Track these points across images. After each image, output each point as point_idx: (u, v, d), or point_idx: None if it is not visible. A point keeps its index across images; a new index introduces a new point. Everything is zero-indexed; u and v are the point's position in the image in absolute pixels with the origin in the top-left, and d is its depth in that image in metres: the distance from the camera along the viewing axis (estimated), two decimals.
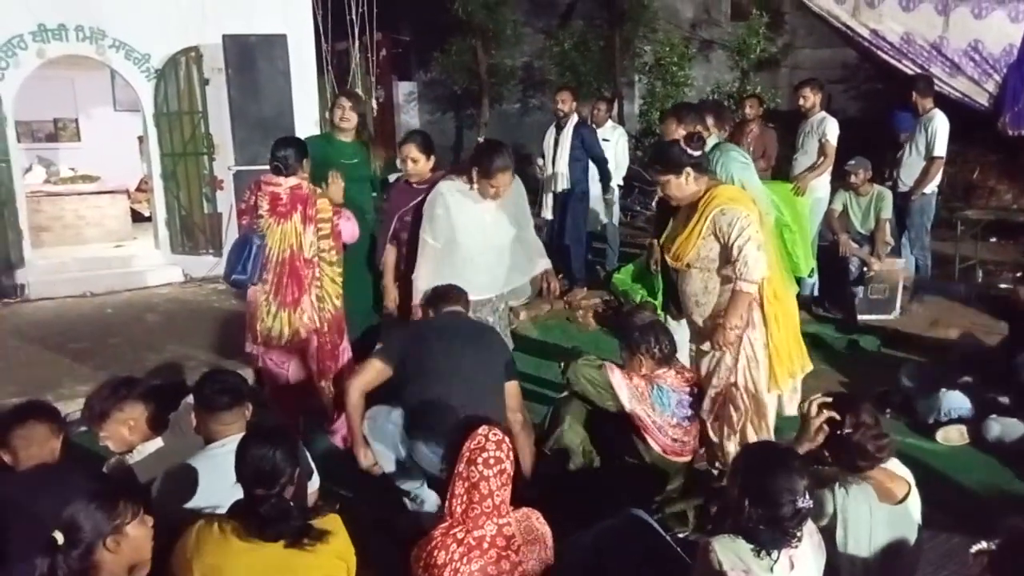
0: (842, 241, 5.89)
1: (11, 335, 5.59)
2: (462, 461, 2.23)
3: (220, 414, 2.60)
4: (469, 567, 2.14)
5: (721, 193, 3.18)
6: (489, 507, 2.20)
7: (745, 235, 3.03)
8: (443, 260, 3.61)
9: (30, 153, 8.98)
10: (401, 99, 13.85)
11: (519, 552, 2.19)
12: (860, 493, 2.34)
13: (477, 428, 2.28)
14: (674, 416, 3.21)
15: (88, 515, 1.97)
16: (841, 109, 8.76)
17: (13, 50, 6.48)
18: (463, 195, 3.65)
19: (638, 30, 10.90)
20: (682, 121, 3.88)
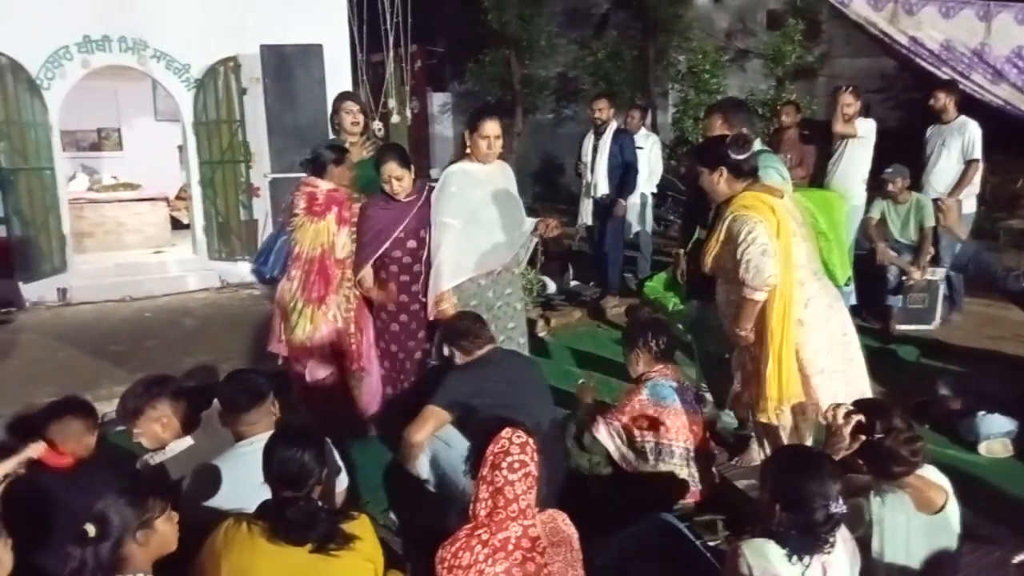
0: (880, 250, 5.78)
1: (53, 337, 5.72)
2: (486, 465, 2.20)
3: (242, 414, 2.63)
4: (494, 568, 2.12)
5: (740, 199, 3.01)
6: (515, 511, 2.17)
7: (749, 240, 2.87)
8: (463, 235, 3.68)
9: (74, 162, 9.24)
10: (435, 110, 13.98)
11: (544, 554, 2.17)
12: (896, 502, 2.28)
13: (500, 431, 2.26)
14: (676, 403, 3.21)
15: (119, 509, 2.00)
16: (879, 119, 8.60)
17: (59, 61, 6.66)
18: (469, 171, 3.75)
19: (672, 40, 10.86)
20: (728, 119, 3.64)
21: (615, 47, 11.10)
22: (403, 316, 3.84)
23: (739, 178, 3.03)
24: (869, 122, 6.01)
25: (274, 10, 7.25)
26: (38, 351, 5.36)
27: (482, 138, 3.68)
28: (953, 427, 4.09)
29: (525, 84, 11.50)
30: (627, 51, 11.02)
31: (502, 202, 3.79)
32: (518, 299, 3.93)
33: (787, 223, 2.93)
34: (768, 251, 2.84)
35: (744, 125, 3.63)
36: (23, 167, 6.49)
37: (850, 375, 3.10)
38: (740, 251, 2.88)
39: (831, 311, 3.06)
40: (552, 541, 2.21)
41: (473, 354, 3.19)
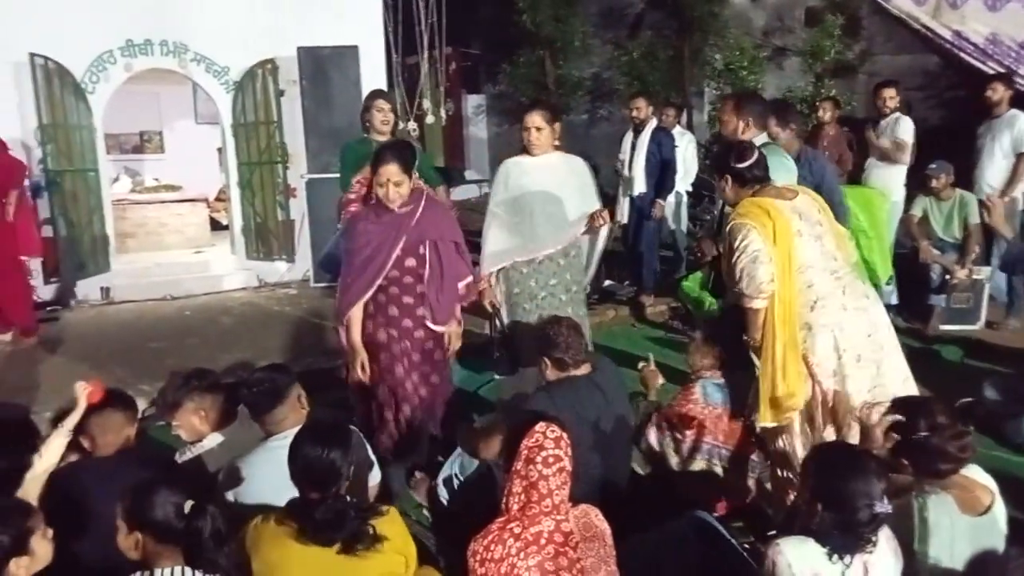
0: (922, 248, 5.65)
1: (96, 335, 5.85)
2: (520, 459, 2.19)
3: (265, 415, 2.65)
4: (526, 562, 2.11)
5: (738, 207, 2.93)
6: (548, 506, 2.16)
7: (741, 248, 2.78)
8: (505, 222, 3.85)
9: (117, 164, 9.45)
10: (470, 112, 14.02)
11: (577, 549, 2.15)
12: (940, 503, 2.23)
13: (534, 424, 2.24)
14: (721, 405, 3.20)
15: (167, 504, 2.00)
16: (922, 117, 8.43)
17: (103, 65, 6.82)
18: (520, 162, 3.89)
19: (708, 39, 10.75)
20: (740, 109, 3.64)
21: (650, 47, 11.02)
22: (405, 342, 3.36)
23: (744, 186, 2.98)
24: (907, 120, 5.91)
25: (311, 13, 7.34)
26: (82, 348, 5.48)
27: (524, 129, 3.82)
28: (999, 429, 3.99)
29: (559, 85, 11.47)
30: (662, 50, 10.94)
31: (549, 192, 3.80)
32: (564, 290, 3.86)
33: (787, 224, 2.80)
34: (759, 258, 2.74)
35: (754, 116, 3.64)
36: (68, 169, 6.65)
37: (879, 378, 2.91)
38: (733, 260, 2.82)
39: (846, 313, 2.86)
40: (585, 536, 2.19)
41: (567, 371, 2.99)
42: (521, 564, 2.10)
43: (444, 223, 3.46)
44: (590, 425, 2.85)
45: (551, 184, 3.82)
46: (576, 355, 2.99)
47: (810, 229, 2.89)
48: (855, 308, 2.89)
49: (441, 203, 3.63)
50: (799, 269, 2.81)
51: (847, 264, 3.02)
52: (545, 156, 3.84)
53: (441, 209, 3.54)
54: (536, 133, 3.79)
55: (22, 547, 2.02)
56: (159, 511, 1.99)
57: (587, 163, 4.07)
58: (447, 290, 3.42)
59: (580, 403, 2.85)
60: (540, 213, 3.79)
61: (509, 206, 3.86)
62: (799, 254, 2.81)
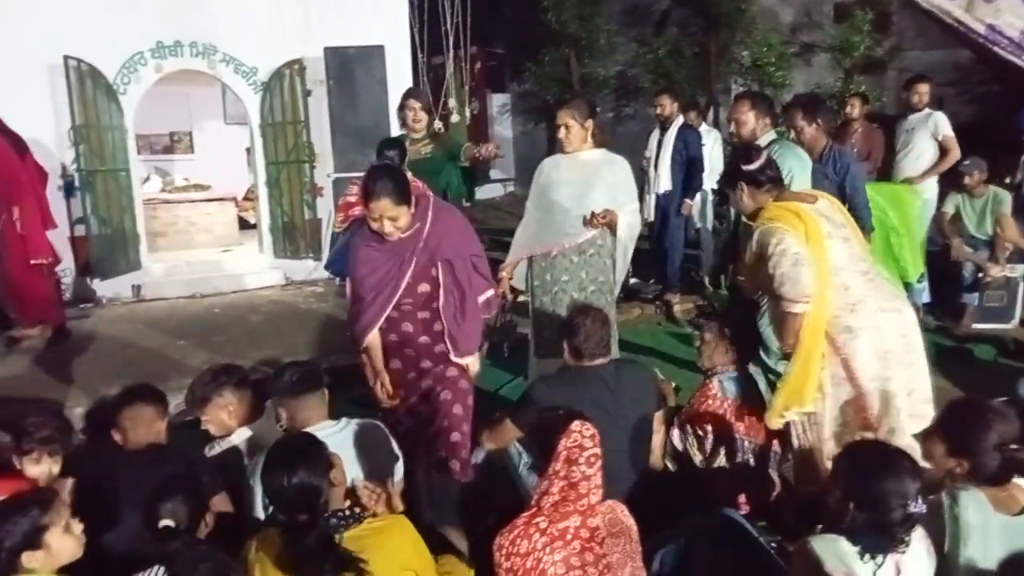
0: (954, 245, 5.56)
1: (127, 332, 5.93)
2: (559, 460, 2.16)
3: (301, 398, 2.64)
4: (552, 557, 2.11)
5: (765, 212, 2.88)
6: (584, 506, 2.16)
7: (779, 252, 2.73)
8: (534, 215, 3.92)
9: (148, 164, 9.60)
10: (494, 111, 14.04)
11: (603, 544, 2.15)
12: (972, 501, 2.18)
13: (569, 424, 2.22)
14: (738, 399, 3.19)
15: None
16: (954, 113, 8.31)
17: (134, 66, 6.92)
18: (555, 159, 3.95)
19: (735, 35, 10.67)
20: (759, 111, 3.75)
21: (676, 44, 10.96)
22: (426, 362, 3.11)
23: (760, 189, 2.93)
24: (938, 114, 5.82)
25: (337, 13, 7.40)
26: (113, 345, 5.57)
27: (557, 127, 3.85)
28: None
29: (584, 83, 11.44)
30: (688, 48, 10.88)
31: (575, 189, 3.79)
32: (577, 287, 3.85)
33: (817, 227, 2.77)
34: (800, 260, 2.70)
35: (770, 115, 3.76)
36: (100, 169, 6.75)
37: (912, 380, 2.87)
38: (772, 265, 2.75)
39: (883, 315, 2.82)
40: (611, 532, 2.19)
41: (583, 361, 2.96)
42: (547, 559, 2.10)
43: (457, 237, 3.06)
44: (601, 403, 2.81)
45: (579, 181, 3.81)
46: (594, 347, 2.93)
47: (837, 231, 2.86)
48: (891, 309, 2.85)
49: (450, 210, 3.21)
50: (833, 271, 2.76)
51: (874, 265, 2.99)
52: (581, 153, 3.83)
53: (451, 219, 3.12)
54: (565, 131, 3.80)
55: (35, 542, 2.02)
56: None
57: None
58: (469, 313, 3.06)
59: (578, 395, 2.72)
60: (559, 210, 3.81)
61: (536, 201, 3.93)
62: (831, 256, 2.77)
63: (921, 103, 5.94)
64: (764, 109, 3.81)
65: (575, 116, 3.78)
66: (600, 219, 3.73)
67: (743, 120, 3.75)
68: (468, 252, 3.09)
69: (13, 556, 2.00)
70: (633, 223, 3.89)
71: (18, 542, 2.00)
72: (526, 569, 2.07)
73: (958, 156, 5.80)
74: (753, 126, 3.71)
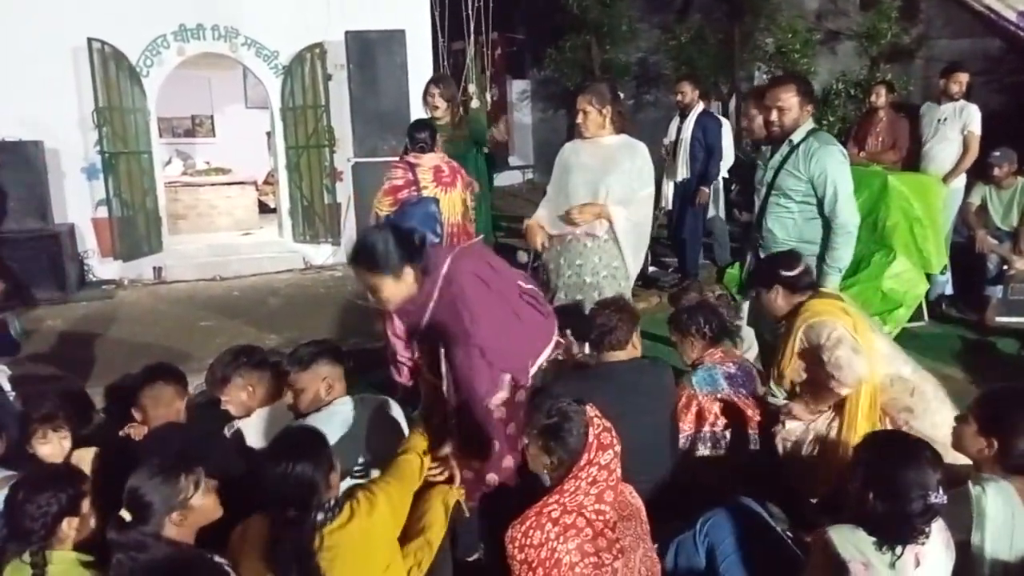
0: (979, 237, 5.48)
1: (148, 313, 6.00)
2: (592, 450, 2.14)
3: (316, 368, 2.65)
4: (566, 545, 2.09)
5: (808, 308, 2.96)
6: (613, 481, 2.16)
7: (835, 340, 2.82)
8: (555, 198, 3.88)
9: (170, 147, 9.67)
10: (514, 97, 13.97)
11: (615, 529, 2.14)
12: (1000, 493, 2.15)
13: (584, 413, 2.18)
14: (724, 391, 3.16)
15: (154, 491, 2.00)
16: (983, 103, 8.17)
17: (157, 49, 6.96)
18: (574, 143, 3.93)
19: (758, 22, 10.53)
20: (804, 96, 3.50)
21: (699, 30, 10.84)
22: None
23: (795, 293, 3.04)
24: (972, 107, 5.71)
25: None
26: (135, 326, 5.63)
27: (576, 112, 3.83)
28: None
29: (605, 70, 11.34)
30: (711, 34, 10.75)
31: (591, 175, 3.76)
32: (590, 272, 3.81)
33: (863, 319, 2.94)
34: (858, 348, 2.80)
35: (812, 102, 3.57)
36: (123, 151, 6.80)
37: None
38: (828, 355, 2.81)
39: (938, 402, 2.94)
40: (622, 515, 2.17)
41: (602, 355, 2.91)
42: (561, 548, 2.09)
43: (458, 319, 2.38)
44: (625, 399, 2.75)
45: (594, 167, 3.77)
46: (615, 341, 2.92)
47: (873, 323, 3.04)
48: (943, 397, 2.96)
49: (462, 280, 2.42)
50: (885, 358, 2.92)
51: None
52: (600, 139, 3.80)
53: (459, 294, 2.40)
54: (583, 116, 3.78)
55: (75, 508, 2.09)
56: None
57: None
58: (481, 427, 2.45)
59: (596, 390, 2.55)
60: (575, 194, 3.78)
61: (556, 185, 3.92)
62: (880, 347, 2.93)
63: (960, 93, 5.79)
64: (808, 95, 3.54)
65: (593, 102, 3.75)
66: (577, 215, 3.73)
67: (787, 106, 3.47)
68: (467, 341, 2.38)
69: (56, 521, 2.04)
70: (638, 212, 3.83)
71: (64, 506, 2.05)
72: (540, 560, 2.06)
73: (976, 154, 5.69)
74: (797, 114, 3.47)
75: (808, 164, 3.42)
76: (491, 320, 2.39)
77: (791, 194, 3.51)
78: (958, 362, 4.80)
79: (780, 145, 3.57)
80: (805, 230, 3.53)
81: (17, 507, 2.05)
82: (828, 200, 3.41)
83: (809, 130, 3.52)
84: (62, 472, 2.18)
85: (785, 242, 3.56)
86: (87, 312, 6.00)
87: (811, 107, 3.55)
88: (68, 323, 5.64)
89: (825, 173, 3.39)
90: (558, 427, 2.14)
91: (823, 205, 3.44)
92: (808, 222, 3.51)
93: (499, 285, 2.47)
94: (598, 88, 3.84)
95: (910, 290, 5.12)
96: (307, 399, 2.65)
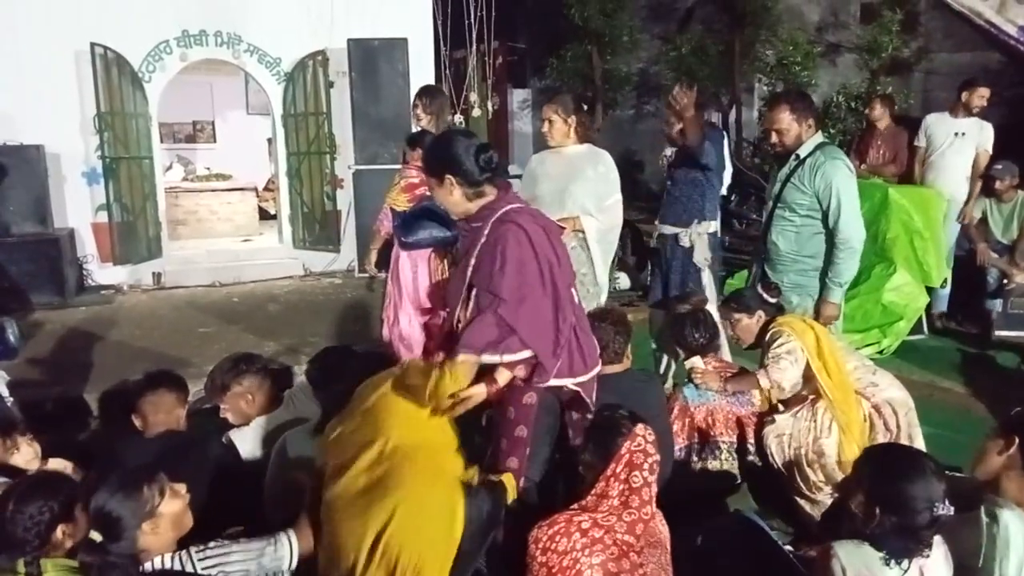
0: (980, 250, 5.48)
1: (148, 318, 5.98)
2: (620, 462, 2.13)
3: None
4: (590, 560, 2.06)
5: (779, 319, 3.20)
6: (648, 514, 2.14)
7: (786, 347, 3.04)
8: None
9: (171, 153, 9.66)
10: (515, 106, 14.00)
11: (641, 554, 2.10)
12: (1013, 519, 2.11)
13: (633, 427, 2.18)
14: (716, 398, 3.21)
15: (118, 506, 1.98)
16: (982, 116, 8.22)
17: (160, 55, 6.96)
18: (542, 154, 4.03)
19: (759, 34, 10.59)
20: (799, 114, 3.51)
21: (699, 42, 10.89)
22: None
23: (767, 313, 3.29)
24: (989, 126, 5.68)
25: (361, 5, 7.41)
26: (134, 331, 5.61)
27: (541, 120, 3.90)
28: None
29: (606, 80, 11.41)
30: (712, 45, 10.80)
31: (557, 183, 3.83)
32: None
33: (826, 332, 3.12)
34: (796, 361, 3.01)
35: (812, 115, 3.57)
36: (124, 156, 6.80)
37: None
38: (772, 351, 3.06)
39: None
40: (649, 542, 2.14)
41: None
42: (584, 560, 2.06)
43: (491, 261, 2.38)
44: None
45: (560, 176, 3.84)
46: (611, 354, 2.91)
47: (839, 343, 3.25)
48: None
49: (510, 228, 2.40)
50: (848, 352, 3.16)
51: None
52: (565, 148, 3.85)
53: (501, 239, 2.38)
54: (548, 125, 3.83)
55: (68, 514, 2.06)
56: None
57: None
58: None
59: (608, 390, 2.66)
60: (542, 203, 3.74)
61: (524, 195, 3.87)
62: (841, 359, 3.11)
63: (981, 108, 5.66)
64: (805, 110, 3.52)
65: (558, 111, 3.79)
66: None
67: (784, 128, 3.49)
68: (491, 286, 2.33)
69: (50, 529, 2.02)
70: (607, 220, 3.88)
71: (56, 513, 2.03)
72: (562, 567, 2.04)
73: (980, 172, 5.68)
74: (797, 132, 3.47)
75: (814, 178, 3.42)
76: (520, 281, 2.30)
77: (796, 208, 3.51)
78: (958, 375, 4.79)
79: (788, 159, 3.59)
80: (808, 244, 3.53)
81: (8, 517, 2.01)
82: (832, 214, 3.41)
83: (817, 144, 3.52)
84: (51, 479, 2.14)
85: (788, 255, 3.58)
86: (86, 317, 5.98)
87: (811, 120, 3.53)
88: (67, 328, 5.61)
89: (830, 187, 3.39)
90: (597, 428, 2.22)
91: (827, 219, 3.44)
92: (813, 236, 3.52)
93: (548, 259, 2.35)
94: (563, 98, 3.93)
95: (910, 303, 5.14)
96: None
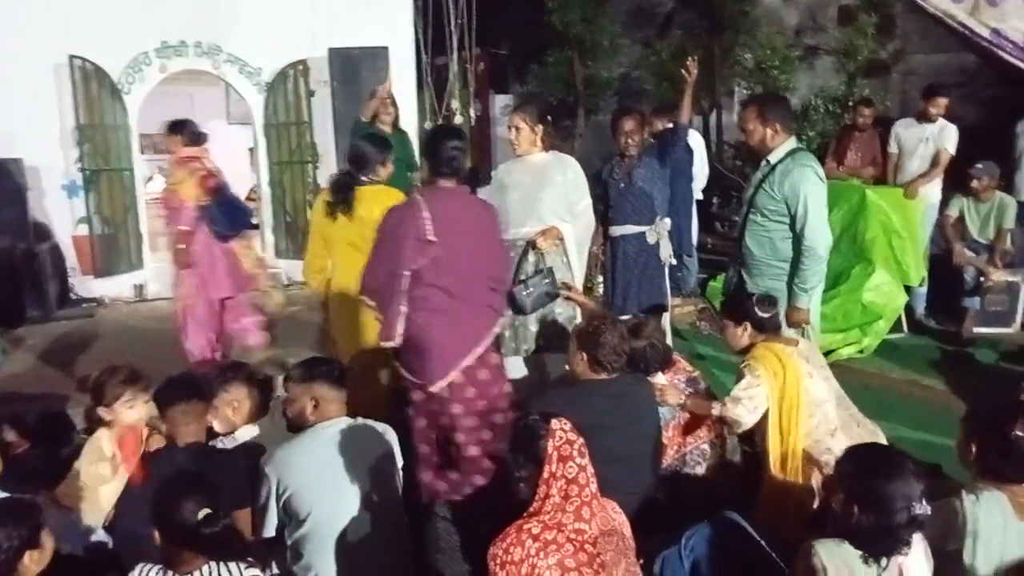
0: (956, 250, 5.56)
1: (129, 331, 5.96)
2: (552, 461, 2.14)
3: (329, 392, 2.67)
4: (546, 561, 2.08)
5: (757, 351, 3.11)
6: (588, 496, 2.15)
7: (751, 391, 2.98)
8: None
9: (151, 164, 9.57)
10: (497, 112, 14.02)
11: (596, 544, 2.13)
12: (993, 503, 2.17)
13: (548, 425, 2.17)
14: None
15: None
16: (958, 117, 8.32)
17: (139, 66, 6.94)
18: (508, 163, 4.13)
19: (738, 38, 10.67)
20: (766, 118, 3.53)
21: (680, 47, 10.95)
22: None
23: (761, 332, 3.16)
24: (954, 130, 5.77)
25: (342, 14, 7.40)
26: (116, 344, 5.59)
27: (508, 128, 3.98)
28: None
29: (587, 85, 11.44)
30: (692, 50, 10.85)
31: (526, 191, 3.90)
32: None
33: (797, 369, 3.01)
34: (756, 410, 2.97)
35: (781, 121, 3.56)
36: (105, 168, 6.78)
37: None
38: (737, 389, 3.01)
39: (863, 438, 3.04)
40: (603, 530, 2.16)
41: (599, 374, 2.95)
42: (541, 563, 2.07)
43: None
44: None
45: (527, 184, 3.91)
46: (614, 359, 2.93)
47: (819, 372, 3.11)
48: (869, 432, 3.11)
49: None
50: (816, 404, 3.01)
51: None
52: (530, 156, 3.93)
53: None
54: (515, 133, 3.89)
55: (35, 540, 2.06)
56: (178, 516, 2.03)
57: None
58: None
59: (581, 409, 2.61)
60: (509, 212, 3.89)
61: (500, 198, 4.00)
62: (813, 393, 3.01)
63: (939, 115, 5.79)
64: (775, 115, 3.55)
65: (526, 119, 3.88)
66: (541, 242, 3.86)
67: (749, 129, 3.56)
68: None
69: (18, 557, 2.00)
70: (580, 225, 3.99)
71: (24, 540, 2.01)
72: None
73: (943, 170, 5.76)
74: (762, 134, 3.52)
75: (783, 184, 3.46)
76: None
77: (767, 213, 3.56)
78: (937, 373, 4.86)
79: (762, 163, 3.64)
80: (781, 248, 3.57)
81: None
82: (799, 220, 3.45)
83: (789, 150, 3.54)
84: (17, 505, 2.11)
85: (762, 260, 3.62)
86: (68, 331, 5.94)
87: (780, 125, 3.54)
88: (49, 342, 5.58)
89: (798, 193, 3.42)
90: (518, 441, 2.19)
91: (795, 224, 3.48)
92: (784, 241, 3.55)
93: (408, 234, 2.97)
94: (530, 106, 4.05)
95: (889, 302, 5.21)
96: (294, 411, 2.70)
